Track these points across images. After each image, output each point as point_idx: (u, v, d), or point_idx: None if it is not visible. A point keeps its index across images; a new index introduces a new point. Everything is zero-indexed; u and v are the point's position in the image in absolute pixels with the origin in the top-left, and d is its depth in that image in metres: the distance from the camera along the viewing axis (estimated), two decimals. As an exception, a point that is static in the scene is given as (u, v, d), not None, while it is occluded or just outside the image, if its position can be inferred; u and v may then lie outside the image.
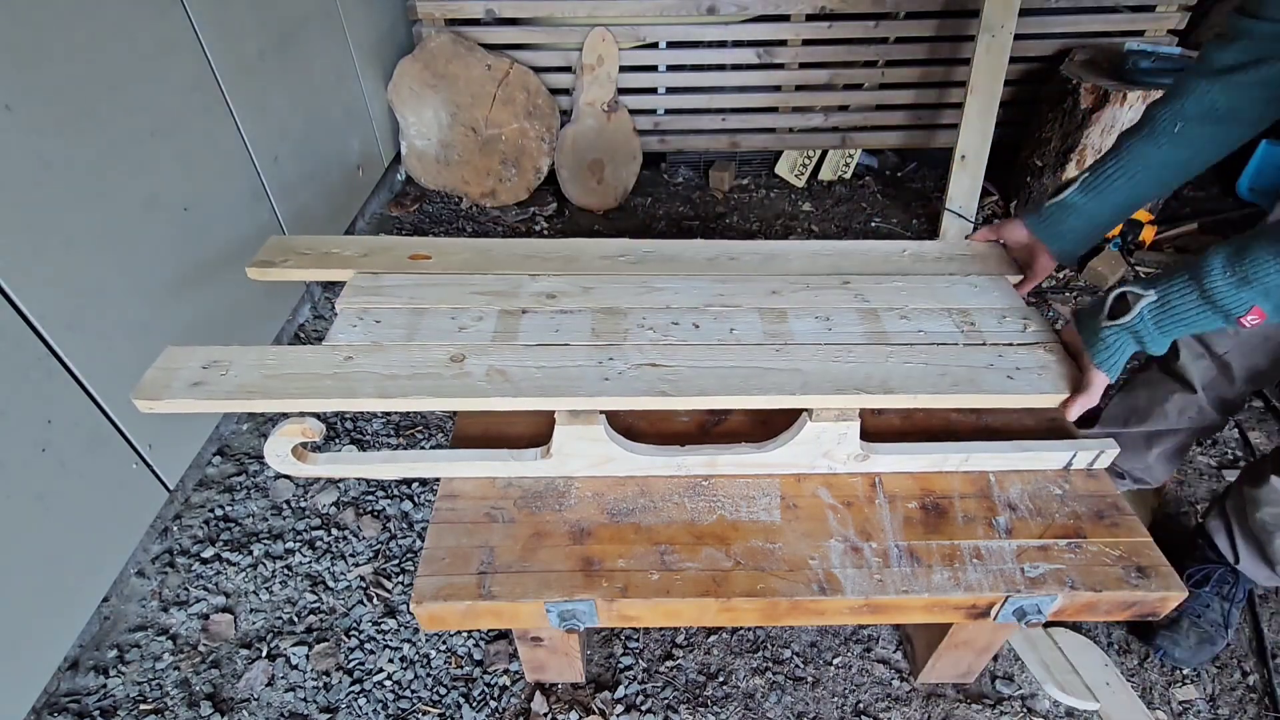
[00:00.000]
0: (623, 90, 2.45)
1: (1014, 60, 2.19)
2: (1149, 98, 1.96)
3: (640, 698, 1.20)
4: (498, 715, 1.18)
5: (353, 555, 1.40)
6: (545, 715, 1.17)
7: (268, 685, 1.21)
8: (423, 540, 1.06)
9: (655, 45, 2.41)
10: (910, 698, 1.20)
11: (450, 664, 1.24)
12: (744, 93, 2.50)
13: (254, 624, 1.29)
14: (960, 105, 2.20)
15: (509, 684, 1.21)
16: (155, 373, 0.86)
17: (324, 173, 1.97)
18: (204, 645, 1.26)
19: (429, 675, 1.23)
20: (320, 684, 1.21)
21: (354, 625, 1.29)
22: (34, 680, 1.13)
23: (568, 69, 2.43)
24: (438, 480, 0.96)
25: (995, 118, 2.18)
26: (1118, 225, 0.99)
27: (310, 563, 1.38)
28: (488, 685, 1.21)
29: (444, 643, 1.27)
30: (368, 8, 2.18)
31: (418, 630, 1.28)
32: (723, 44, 2.41)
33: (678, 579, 0.84)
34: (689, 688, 1.21)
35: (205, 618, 1.30)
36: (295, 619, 1.30)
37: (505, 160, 2.42)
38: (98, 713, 1.17)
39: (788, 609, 0.84)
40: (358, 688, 1.21)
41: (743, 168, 2.69)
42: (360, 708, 1.18)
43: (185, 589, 1.34)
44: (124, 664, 1.23)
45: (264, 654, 1.25)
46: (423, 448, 1.62)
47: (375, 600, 1.33)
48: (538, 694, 1.19)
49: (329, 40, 1.99)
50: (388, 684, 1.21)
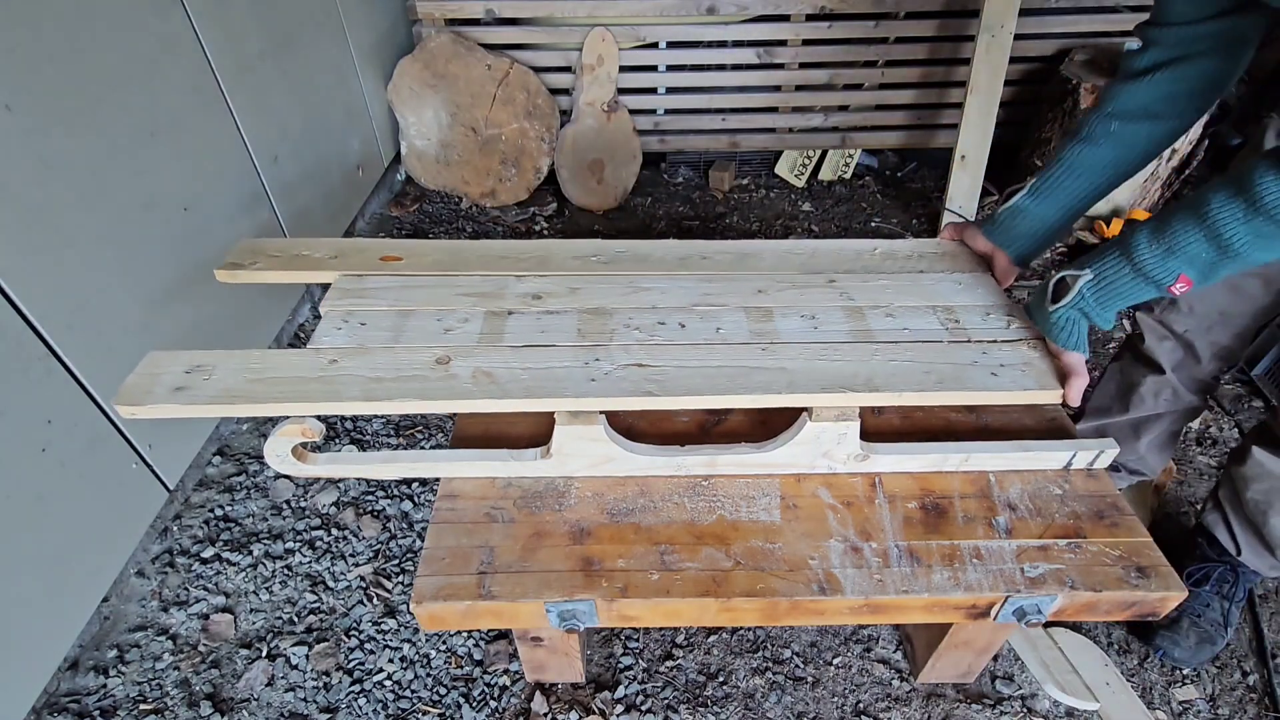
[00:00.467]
0: (623, 90, 2.45)
1: (1014, 60, 2.19)
2: (1149, 98, 1.96)
3: (640, 698, 1.20)
4: (498, 715, 1.18)
5: (353, 555, 1.40)
6: (545, 715, 1.17)
7: (268, 685, 1.21)
8: (423, 540, 1.06)
9: (655, 45, 2.41)
10: (910, 698, 1.20)
11: (450, 664, 1.24)
12: (744, 93, 2.50)
13: (254, 624, 1.29)
14: (960, 105, 2.20)
15: (509, 684, 1.21)
16: (137, 378, 0.86)
17: (324, 173, 1.97)
18: (204, 645, 1.26)
19: (429, 675, 1.23)
20: (320, 684, 1.21)
21: (354, 625, 1.29)
22: (34, 680, 1.13)
23: (568, 69, 2.43)
24: (438, 480, 0.96)
25: (995, 118, 2.18)
26: (1069, 226, 1.02)
27: (310, 563, 1.38)
28: (488, 685, 1.21)
29: (444, 643, 1.27)
30: (368, 8, 2.18)
31: (418, 630, 1.28)
32: (723, 44, 2.41)
33: (678, 579, 0.84)
34: (689, 688, 1.21)
35: (205, 618, 1.30)
36: (295, 619, 1.30)
37: (505, 160, 2.42)
38: (98, 713, 1.17)
39: (788, 609, 0.84)
40: (358, 688, 1.21)
41: (743, 168, 2.69)
42: (360, 708, 1.18)
43: (185, 589, 1.34)
44: (124, 664, 1.23)
45: (264, 654, 1.25)
46: (423, 448, 1.62)
47: (375, 600, 1.33)
48: (538, 694, 1.19)
49: (329, 40, 1.99)
50: (388, 684, 1.21)
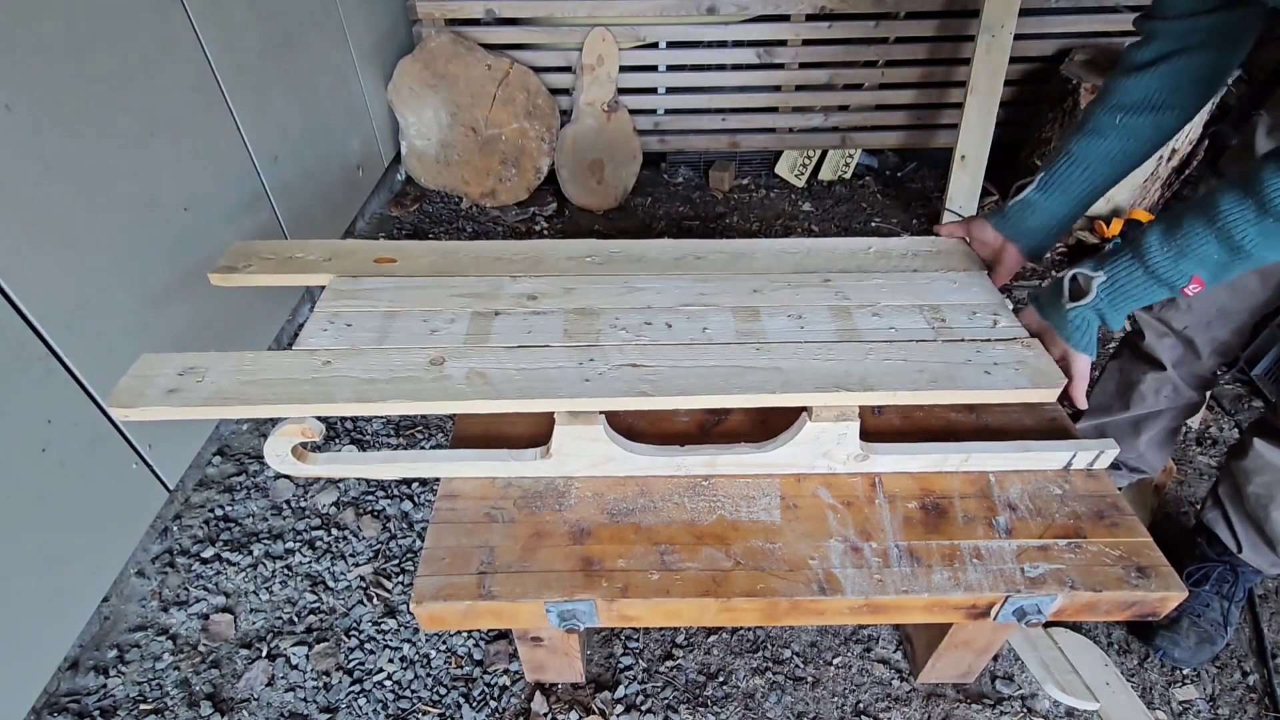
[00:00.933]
0: (623, 90, 2.45)
1: (1014, 60, 2.19)
2: (1149, 98, 1.96)
3: (640, 698, 1.20)
4: (498, 715, 1.18)
5: (353, 555, 1.40)
6: (545, 715, 1.17)
7: (268, 685, 1.21)
8: (423, 540, 1.06)
9: (655, 45, 2.41)
10: (910, 698, 1.20)
11: (450, 664, 1.24)
12: (744, 93, 2.50)
13: (254, 624, 1.29)
14: (960, 105, 2.20)
15: (509, 684, 1.21)
16: (130, 380, 0.86)
17: (324, 173, 1.97)
18: (204, 645, 1.26)
19: (429, 675, 1.23)
20: (320, 684, 1.21)
21: (354, 625, 1.29)
22: (34, 680, 1.13)
23: (568, 69, 2.43)
24: (438, 480, 0.96)
25: (995, 118, 2.18)
26: (1078, 218, 1.03)
27: (310, 563, 1.38)
28: (488, 685, 1.21)
29: (444, 643, 1.27)
30: (368, 8, 2.18)
31: (418, 630, 1.28)
32: (723, 44, 2.41)
33: (678, 579, 0.84)
34: (689, 688, 1.21)
35: (205, 618, 1.30)
36: (295, 619, 1.30)
37: (505, 160, 2.42)
38: (98, 713, 1.17)
39: (788, 609, 0.84)
40: (358, 688, 1.21)
41: (743, 168, 2.69)
42: (360, 708, 1.18)
43: (185, 589, 1.34)
44: (124, 664, 1.23)
45: (264, 654, 1.25)
46: (423, 448, 1.62)
47: (375, 600, 1.33)
48: (538, 694, 1.19)
49: (329, 40, 1.99)
50: (388, 684, 1.21)
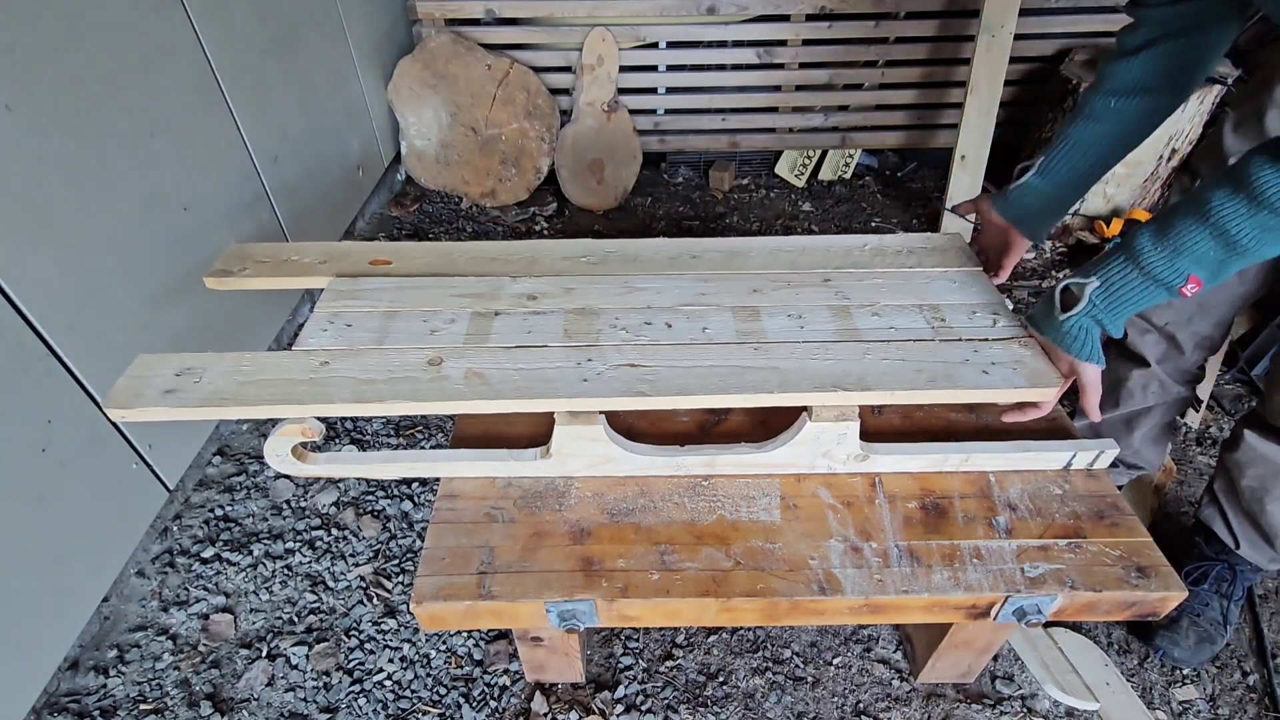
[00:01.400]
0: (623, 90, 2.45)
1: (1014, 60, 2.19)
2: (1149, 98, 1.96)
3: (640, 698, 1.20)
4: (498, 715, 1.18)
5: (353, 555, 1.40)
6: (545, 715, 1.17)
7: (268, 685, 1.21)
8: (423, 540, 1.06)
9: (655, 45, 2.41)
10: (910, 698, 1.20)
11: (450, 664, 1.24)
12: (744, 93, 2.50)
13: (254, 624, 1.29)
14: (960, 105, 2.20)
15: (509, 684, 1.21)
16: (127, 380, 0.86)
17: (324, 173, 1.97)
18: (204, 645, 1.26)
19: (429, 675, 1.23)
20: (320, 684, 1.21)
21: (354, 625, 1.29)
22: (34, 680, 1.13)
23: (568, 69, 2.43)
24: (438, 480, 0.96)
25: (995, 118, 2.18)
26: (1076, 201, 1.04)
27: (310, 563, 1.38)
28: (488, 685, 1.21)
29: (444, 643, 1.27)
30: (368, 8, 2.18)
31: (418, 630, 1.28)
32: (723, 44, 2.41)
33: (678, 579, 0.84)
34: (689, 688, 1.21)
35: (205, 618, 1.30)
36: (295, 619, 1.30)
37: (505, 160, 2.42)
38: (98, 713, 1.17)
39: (788, 609, 0.84)
40: (358, 688, 1.21)
41: (743, 168, 2.69)
42: (360, 708, 1.18)
43: (185, 589, 1.34)
44: (124, 664, 1.23)
45: (264, 654, 1.25)
46: (423, 447, 1.62)
47: (375, 600, 1.33)
48: (538, 694, 1.19)
49: (329, 40, 1.99)
50: (388, 684, 1.21)
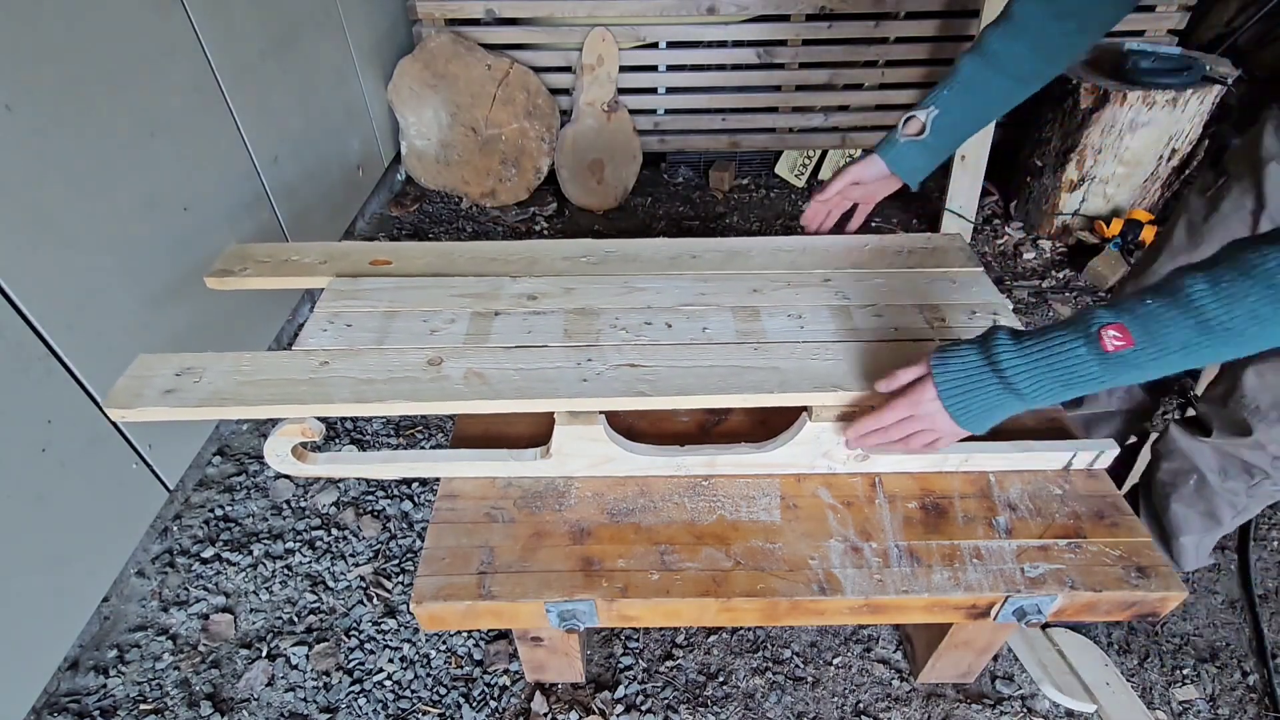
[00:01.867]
0: (623, 90, 2.45)
1: (1014, 60, 2.19)
2: (1149, 98, 1.96)
3: (640, 698, 1.20)
4: (498, 715, 1.18)
5: (353, 555, 1.40)
6: (545, 715, 1.17)
7: (268, 685, 1.21)
8: (423, 540, 1.06)
9: (655, 45, 2.41)
10: (910, 698, 1.20)
11: (450, 664, 1.24)
12: (744, 93, 2.49)
13: (254, 624, 1.29)
14: (960, 105, 2.19)
15: (509, 684, 1.21)
16: (127, 380, 0.86)
17: (324, 173, 1.97)
18: (204, 645, 1.26)
19: (429, 675, 1.23)
20: (320, 684, 1.21)
21: (354, 625, 1.29)
22: (34, 680, 1.13)
23: (568, 69, 2.42)
24: (438, 480, 0.96)
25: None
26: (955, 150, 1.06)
27: (310, 563, 1.38)
28: (488, 685, 1.21)
29: (444, 643, 1.27)
30: (368, 8, 2.18)
31: (418, 630, 1.28)
32: (723, 44, 2.40)
33: (678, 579, 0.84)
34: (689, 688, 1.21)
35: (205, 618, 1.30)
36: (295, 619, 1.30)
37: (505, 160, 2.42)
38: (98, 713, 1.17)
39: (788, 609, 0.84)
40: (358, 688, 1.21)
41: (743, 168, 2.69)
42: (360, 708, 1.18)
43: (185, 589, 1.34)
44: (124, 664, 1.23)
45: (264, 654, 1.25)
46: (423, 447, 1.62)
47: (375, 600, 1.33)
48: (538, 694, 1.19)
49: (329, 40, 1.99)
50: (388, 684, 1.21)
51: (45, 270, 1.11)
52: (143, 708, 1.18)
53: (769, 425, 0.97)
